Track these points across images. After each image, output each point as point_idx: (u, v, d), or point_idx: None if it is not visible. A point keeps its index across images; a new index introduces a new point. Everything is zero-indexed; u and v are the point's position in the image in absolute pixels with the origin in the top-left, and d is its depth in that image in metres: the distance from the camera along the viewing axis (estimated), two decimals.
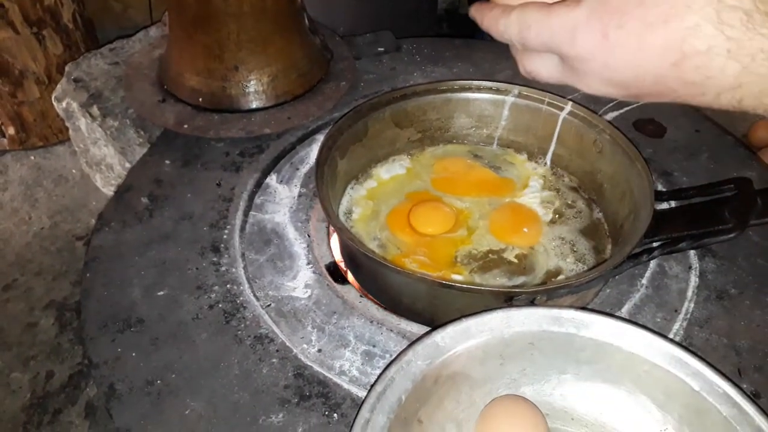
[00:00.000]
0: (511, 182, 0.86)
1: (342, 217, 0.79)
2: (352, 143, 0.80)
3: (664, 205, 0.78)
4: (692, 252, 0.77)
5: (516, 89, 0.84)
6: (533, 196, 0.83)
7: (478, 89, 0.86)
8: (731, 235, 0.65)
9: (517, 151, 0.89)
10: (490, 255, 0.75)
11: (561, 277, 0.73)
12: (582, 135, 0.81)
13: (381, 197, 0.82)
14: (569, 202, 0.82)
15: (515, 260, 0.75)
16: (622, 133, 0.77)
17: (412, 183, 0.85)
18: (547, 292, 0.63)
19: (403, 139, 0.87)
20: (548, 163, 0.87)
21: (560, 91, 0.82)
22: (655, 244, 0.68)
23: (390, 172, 0.86)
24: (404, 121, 0.85)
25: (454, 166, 0.87)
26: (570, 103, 0.82)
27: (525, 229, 0.78)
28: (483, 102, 0.86)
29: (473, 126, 0.89)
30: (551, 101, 0.82)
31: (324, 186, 0.71)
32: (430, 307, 0.67)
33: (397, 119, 0.84)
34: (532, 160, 0.88)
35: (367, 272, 0.72)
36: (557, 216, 0.80)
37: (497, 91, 0.85)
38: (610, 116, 0.97)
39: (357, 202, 0.81)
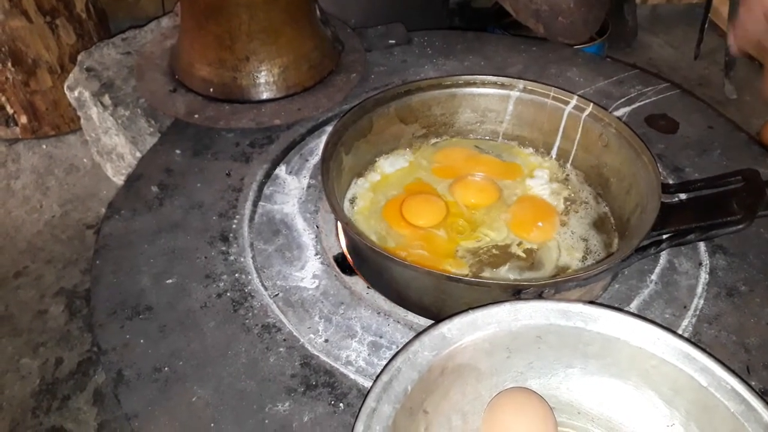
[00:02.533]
0: (517, 167, 0.86)
1: (347, 211, 0.79)
2: (357, 139, 0.80)
3: (672, 198, 0.78)
4: (702, 248, 0.76)
5: (521, 84, 0.84)
6: (539, 190, 0.83)
7: (483, 84, 0.85)
8: (739, 227, 0.64)
9: (522, 145, 0.89)
10: (493, 250, 0.75)
11: (569, 271, 0.73)
12: (587, 129, 0.81)
13: (384, 190, 0.82)
14: (575, 197, 0.82)
15: (523, 255, 0.75)
16: (628, 127, 0.77)
17: (414, 173, 0.85)
18: (555, 285, 0.63)
19: (407, 135, 0.87)
20: (554, 157, 0.86)
21: (565, 86, 0.82)
22: (662, 237, 0.68)
23: (394, 165, 0.85)
24: (409, 116, 0.85)
25: (456, 153, 0.87)
26: (575, 97, 0.81)
27: (540, 224, 0.78)
28: (488, 97, 0.86)
29: (478, 121, 0.88)
30: (556, 95, 0.82)
31: (330, 181, 0.71)
32: (438, 301, 0.67)
33: (401, 115, 0.84)
34: (538, 155, 0.88)
35: (373, 267, 0.72)
36: (564, 211, 0.80)
37: (502, 85, 0.85)
38: (621, 111, 0.97)
39: (361, 196, 0.81)
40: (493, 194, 0.81)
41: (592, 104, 0.80)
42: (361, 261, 0.75)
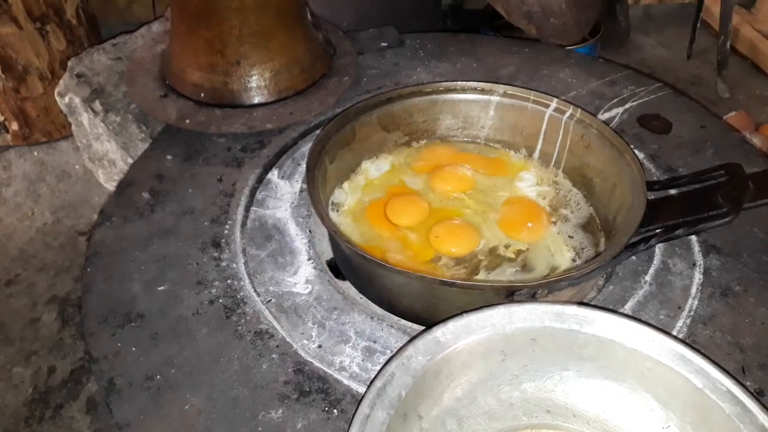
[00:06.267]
0: (502, 162, 0.86)
1: (333, 217, 0.78)
2: (341, 147, 0.80)
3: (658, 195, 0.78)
4: (696, 248, 0.76)
5: (501, 88, 0.84)
6: (524, 193, 0.83)
7: (463, 90, 0.85)
8: (726, 220, 0.65)
9: (505, 149, 0.88)
10: (482, 254, 0.75)
11: (559, 270, 0.73)
12: (569, 130, 0.81)
13: (369, 193, 0.82)
14: (561, 198, 0.82)
15: (513, 257, 0.74)
16: (609, 127, 0.77)
17: (399, 175, 0.85)
18: (548, 286, 0.62)
19: (390, 143, 0.87)
20: (536, 160, 0.86)
21: (557, 87, 0.82)
22: (651, 233, 0.68)
23: (379, 169, 0.85)
24: (391, 124, 0.85)
25: (441, 150, 0.88)
26: (555, 99, 0.81)
27: (530, 224, 0.78)
28: (469, 103, 0.86)
29: (460, 127, 0.88)
30: (536, 99, 0.82)
31: (316, 190, 0.70)
32: (430, 306, 0.67)
33: (384, 123, 0.84)
34: (521, 158, 0.87)
35: (364, 275, 0.72)
36: (551, 212, 0.80)
37: (482, 91, 0.85)
38: (614, 112, 0.97)
39: (346, 201, 0.81)
40: (468, 181, 0.82)
41: (572, 106, 0.80)
42: (351, 271, 0.74)
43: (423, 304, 0.67)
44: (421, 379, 0.51)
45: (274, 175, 0.86)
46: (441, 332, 0.53)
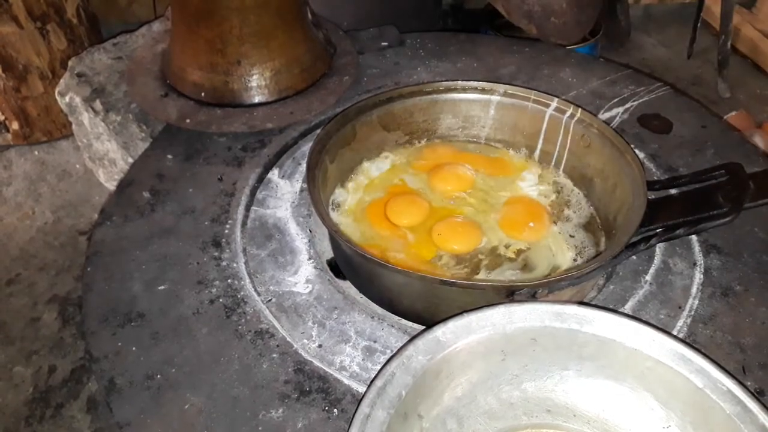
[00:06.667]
0: (503, 162, 0.86)
1: (334, 218, 0.78)
2: (341, 147, 0.80)
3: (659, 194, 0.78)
4: (697, 248, 0.76)
5: (501, 88, 0.84)
6: (525, 192, 0.82)
7: (464, 89, 0.85)
8: (727, 219, 0.65)
9: (505, 149, 0.88)
10: (483, 253, 0.75)
11: (559, 270, 0.73)
12: (569, 130, 0.81)
13: (370, 193, 0.82)
14: (562, 198, 0.82)
15: (514, 256, 0.74)
16: (609, 126, 0.77)
17: (399, 174, 0.85)
18: (548, 285, 0.62)
19: (390, 142, 0.87)
20: (537, 159, 0.86)
21: (558, 87, 0.82)
22: (651, 233, 0.68)
23: (380, 168, 0.85)
24: (391, 123, 0.85)
25: (442, 150, 0.88)
26: (556, 99, 0.81)
27: (532, 224, 0.78)
28: (469, 102, 0.86)
29: (460, 126, 0.88)
30: (537, 98, 0.82)
31: (316, 189, 0.70)
32: (431, 306, 0.67)
33: (384, 122, 0.84)
34: (521, 158, 0.87)
35: (364, 275, 0.72)
36: (551, 212, 0.80)
37: (483, 90, 0.85)
38: (614, 112, 0.97)
39: (347, 201, 0.81)
40: (468, 180, 0.82)
41: (572, 106, 0.80)
42: (351, 270, 0.74)
43: (423, 303, 0.67)
44: (422, 379, 0.51)
45: (274, 174, 0.86)
46: (441, 332, 0.53)
